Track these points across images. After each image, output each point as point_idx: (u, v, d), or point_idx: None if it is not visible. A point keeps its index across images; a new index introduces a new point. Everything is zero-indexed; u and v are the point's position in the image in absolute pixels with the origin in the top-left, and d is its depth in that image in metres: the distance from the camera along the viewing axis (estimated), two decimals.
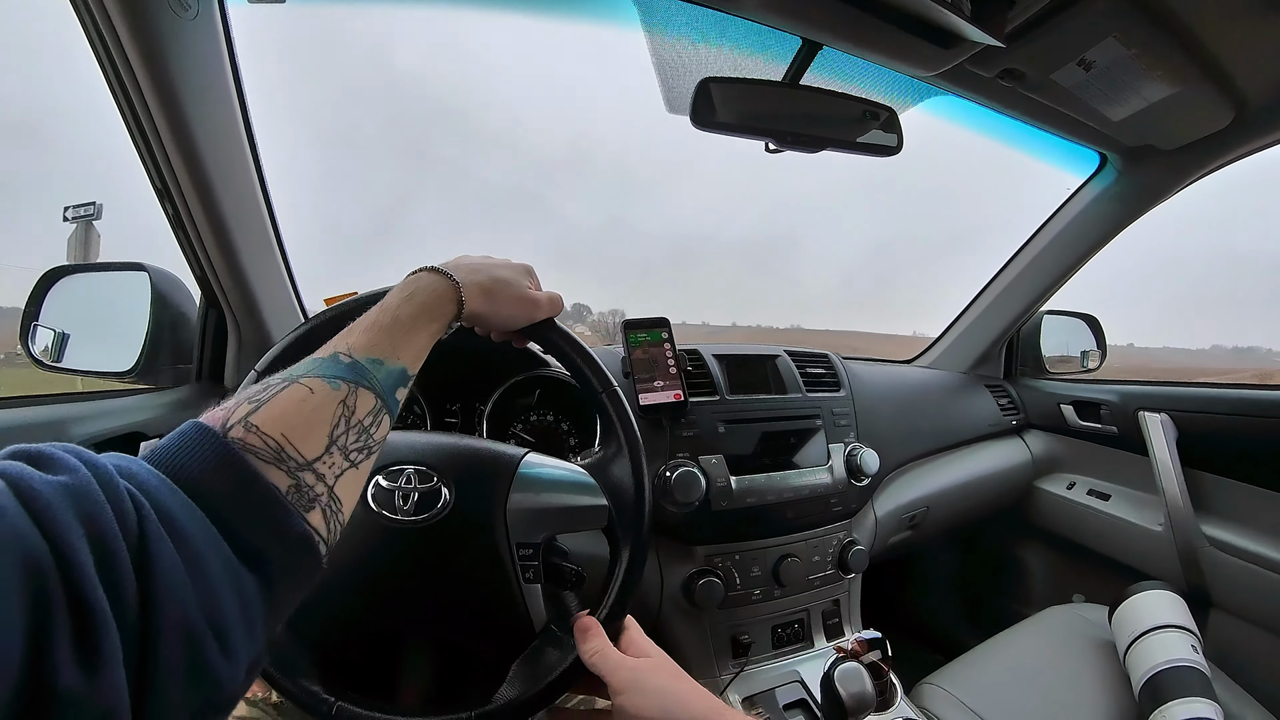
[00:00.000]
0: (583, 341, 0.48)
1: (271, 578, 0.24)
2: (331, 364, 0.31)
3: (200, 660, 0.21)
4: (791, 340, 0.96)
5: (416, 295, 0.37)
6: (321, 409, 0.29)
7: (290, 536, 0.25)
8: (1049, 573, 1.16)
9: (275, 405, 0.27)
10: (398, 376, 0.33)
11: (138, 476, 0.22)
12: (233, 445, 0.25)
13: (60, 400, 0.65)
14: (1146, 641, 0.73)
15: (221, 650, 0.21)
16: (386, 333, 0.34)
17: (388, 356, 0.33)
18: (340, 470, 0.28)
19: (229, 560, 0.23)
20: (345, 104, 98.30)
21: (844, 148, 0.70)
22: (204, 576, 0.21)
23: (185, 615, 0.20)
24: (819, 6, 0.55)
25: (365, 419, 0.30)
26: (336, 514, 0.28)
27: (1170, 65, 0.65)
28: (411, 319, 0.35)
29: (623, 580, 0.45)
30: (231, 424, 0.26)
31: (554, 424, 0.78)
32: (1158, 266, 68.90)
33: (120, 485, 0.20)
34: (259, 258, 0.71)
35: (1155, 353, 17.23)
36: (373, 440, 0.31)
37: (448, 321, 0.39)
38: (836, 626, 0.78)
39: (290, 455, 0.26)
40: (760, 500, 0.72)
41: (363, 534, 0.42)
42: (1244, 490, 0.87)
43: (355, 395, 0.30)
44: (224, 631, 0.22)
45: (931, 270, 49.27)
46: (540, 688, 0.42)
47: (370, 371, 0.31)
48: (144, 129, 0.57)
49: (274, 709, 0.48)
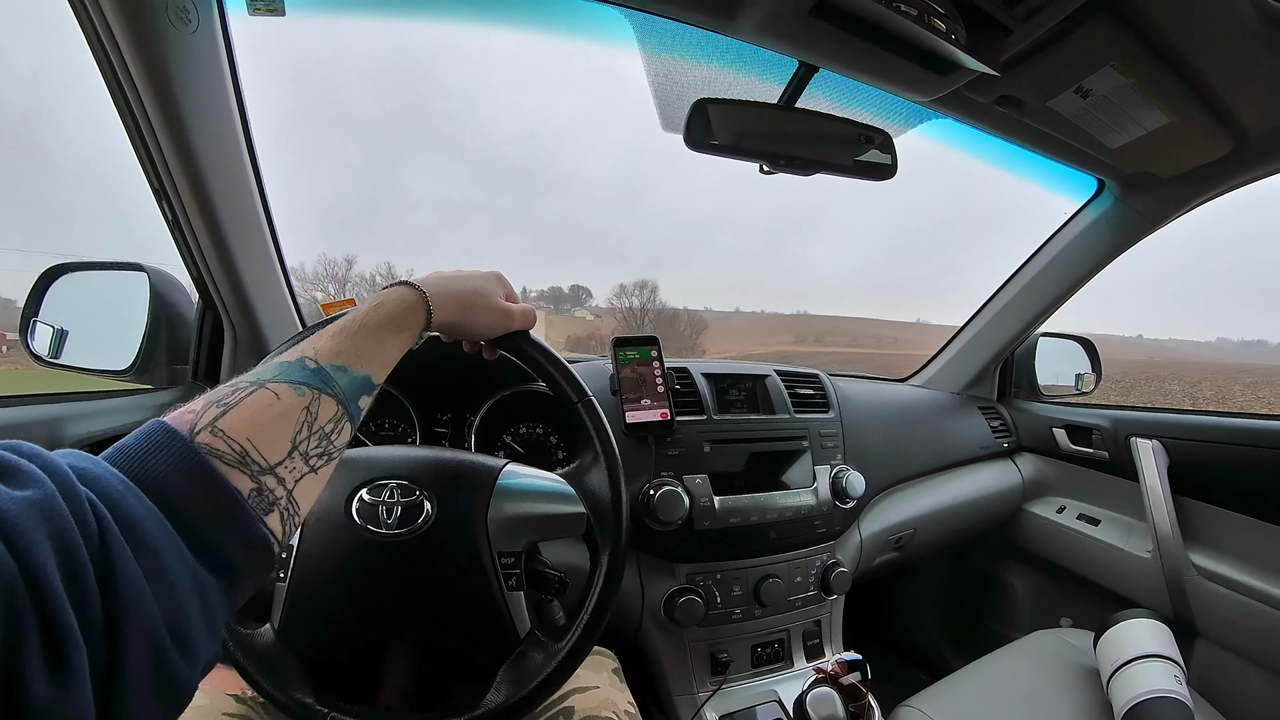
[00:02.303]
0: (557, 353, 0.49)
1: (232, 579, 0.25)
2: (298, 369, 0.31)
3: (164, 666, 0.21)
4: (794, 325, 0.96)
5: (385, 305, 0.38)
6: (286, 415, 0.29)
7: (251, 539, 0.26)
8: (1036, 596, 1.16)
9: (243, 410, 0.28)
10: (361, 384, 0.34)
11: (101, 481, 0.22)
12: (199, 450, 0.25)
13: (55, 400, 0.65)
14: (1130, 671, 0.73)
15: (183, 655, 0.22)
16: (352, 339, 0.35)
17: (351, 364, 0.34)
18: (300, 475, 0.29)
19: (190, 564, 0.23)
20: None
21: (838, 171, 0.70)
22: (166, 583, 0.22)
23: (148, 623, 0.21)
24: (815, 32, 0.55)
25: (327, 426, 0.31)
26: (293, 517, 0.29)
27: (1169, 94, 0.65)
28: (378, 326, 0.36)
29: (602, 586, 0.46)
30: (199, 428, 0.26)
31: (542, 436, 0.79)
32: (1164, 264, 68.13)
33: (81, 494, 0.21)
34: (256, 263, 0.71)
35: (1163, 344, 17.10)
36: (333, 446, 0.32)
37: (417, 331, 0.39)
38: (817, 647, 0.79)
39: (254, 459, 0.27)
40: (743, 520, 0.72)
41: (349, 547, 0.43)
42: (1233, 519, 0.87)
43: (318, 402, 0.31)
44: (185, 636, 0.22)
45: (936, 261, 48.77)
46: (526, 691, 0.43)
47: (334, 379, 0.32)
48: (144, 137, 0.58)
49: (262, 707, 0.49)
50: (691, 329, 21.52)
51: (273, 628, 0.44)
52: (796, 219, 31.17)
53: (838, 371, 1.02)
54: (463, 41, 12.43)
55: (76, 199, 23.62)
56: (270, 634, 0.44)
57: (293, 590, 0.43)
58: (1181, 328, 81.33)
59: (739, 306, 49.59)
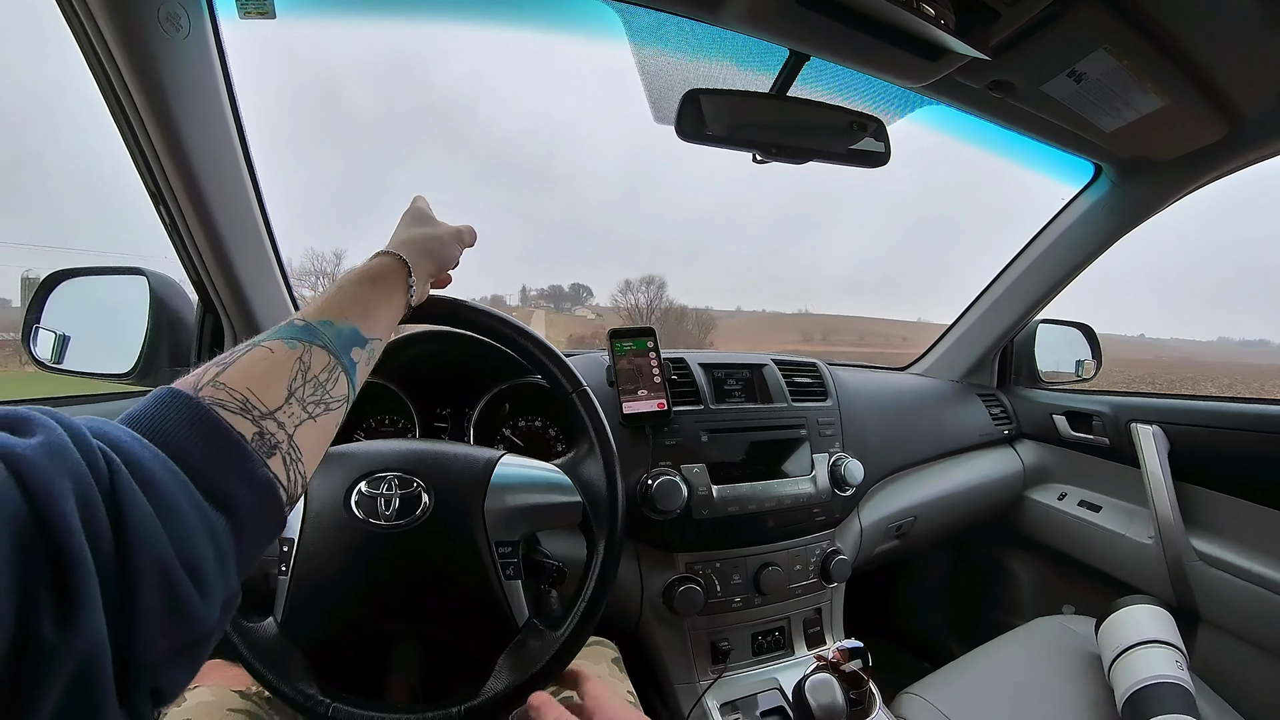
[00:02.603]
0: (551, 344, 0.50)
1: (240, 520, 0.26)
2: (287, 329, 0.34)
3: (178, 597, 0.22)
4: (799, 324, 0.96)
5: (358, 268, 0.41)
6: (280, 365, 0.32)
7: (255, 479, 0.27)
8: (1038, 583, 1.16)
9: (240, 365, 0.30)
10: (349, 336, 0.36)
11: (110, 435, 0.23)
12: (203, 402, 0.27)
13: (57, 404, 0.66)
14: (1131, 656, 0.73)
15: (197, 587, 0.23)
16: (332, 299, 0.38)
17: (335, 318, 0.36)
18: (299, 420, 0.31)
19: (199, 504, 0.24)
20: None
21: (831, 159, 0.70)
22: (176, 520, 0.23)
23: (160, 556, 0.21)
24: (802, 19, 0.55)
25: (321, 375, 0.33)
26: (296, 462, 0.30)
27: (1162, 77, 0.65)
28: (354, 283, 0.39)
29: (599, 572, 0.46)
30: (202, 384, 0.28)
31: (541, 430, 0.79)
32: (1169, 261, 67.52)
33: (92, 443, 0.22)
34: (254, 265, 0.72)
35: (1166, 343, 16.99)
36: (329, 396, 0.33)
37: (395, 281, 0.42)
38: (818, 635, 0.79)
39: (254, 405, 0.29)
40: (742, 509, 0.73)
41: (349, 540, 0.44)
42: (1235, 505, 0.87)
43: (310, 353, 0.33)
44: (198, 570, 0.23)
45: (938, 262, 48.19)
46: (525, 678, 0.44)
47: (321, 331, 0.35)
48: (139, 142, 0.58)
49: (267, 703, 0.50)
50: (700, 328, 21.39)
51: (275, 621, 0.44)
52: (798, 216, 30.38)
53: (836, 361, 1.02)
54: (459, 38, 12.29)
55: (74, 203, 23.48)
56: (273, 627, 0.44)
57: (294, 583, 0.44)
58: (1184, 327, 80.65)
59: (740, 305, 49.07)
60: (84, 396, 0.70)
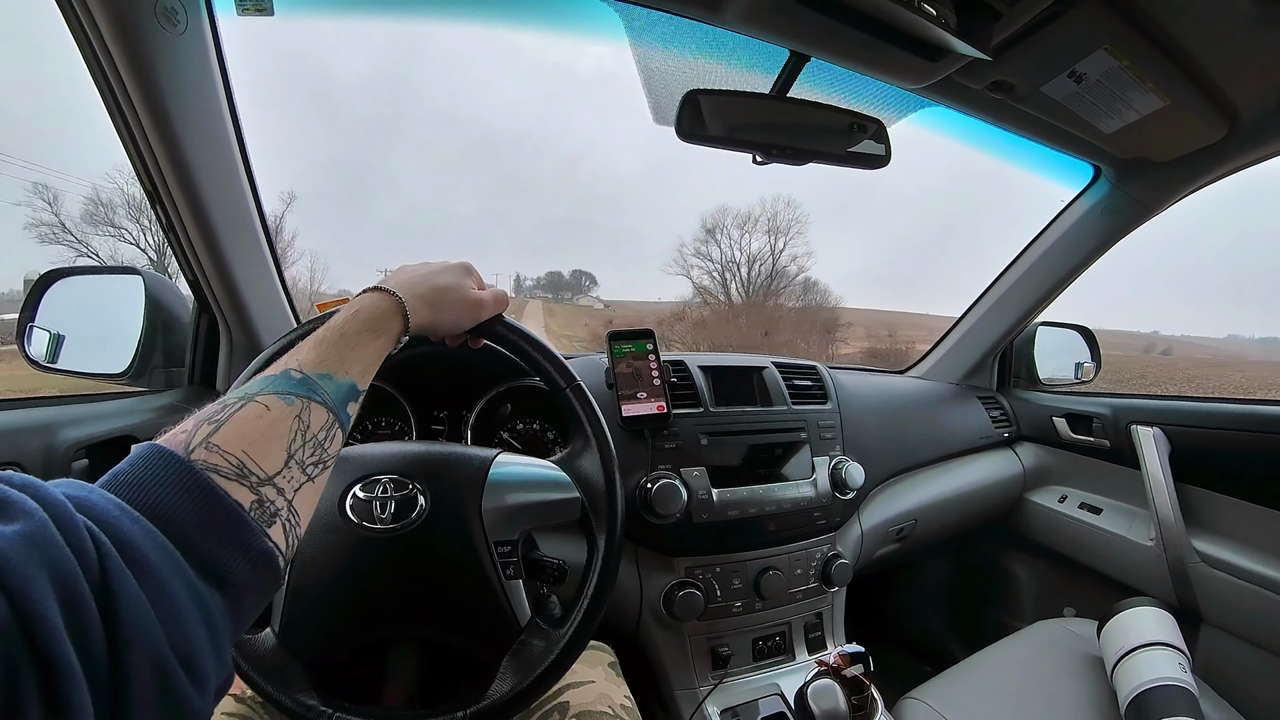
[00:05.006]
0: (544, 340, 0.49)
1: (237, 596, 0.25)
2: (284, 380, 0.32)
3: (172, 693, 0.21)
4: (805, 317, 0.95)
5: (361, 312, 0.38)
6: (278, 424, 0.29)
7: (253, 553, 0.26)
8: (1039, 586, 1.16)
9: (235, 424, 0.28)
10: (347, 391, 0.34)
11: (96, 508, 0.22)
12: (196, 466, 0.25)
13: (51, 403, 0.65)
14: (1134, 659, 0.72)
15: (191, 679, 0.21)
16: (334, 348, 0.35)
17: (336, 371, 0.34)
18: (299, 484, 0.29)
19: (193, 584, 0.23)
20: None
21: (831, 160, 0.70)
22: (169, 606, 0.21)
23: (153, 649, 0.20)
24: (802, 20, 0.55)
25: (319, 433, 0.31)
26: (295, 528, 0.29)
27: (1162, 77, 0.65)
28: (356, 334, 0.37)
29: (601, 569, 0.46)
30: (194, 446, 0.26)
31: (539, 432, 0.79)
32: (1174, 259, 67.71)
33: (79, 522, 0.20)
34: (250, 265, 0.71)
35: (1178, 340, 16.93)
36: (327, 454, 0.31)
37: (395, 336, 0.40)
38: (819, 639, 0.78)
39: (252, 471, 0.27)
40: (742, 513, 0.72)
41: (345, 546, 0.43)
42: (1236, 506, 0.86)
43: (309, 410, 0.31)
44: (192, 659, 0.22)
45: (944, 257, 48.50)
46: (530, 680, 0.43)
47: (321, 386, 0.32)
48: (135, 139, 0.58)
49: (261, 707, 0.49)
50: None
51: (273, 631, 0.44)
52: (809, 208, 29.50)
53: (834, 365, 1.02)
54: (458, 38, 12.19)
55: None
56: (271, 638, 0.43)
57: (291, 593, 0.43)
58: (1196, 324, 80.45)
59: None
60: (83, 396, 0.69)
